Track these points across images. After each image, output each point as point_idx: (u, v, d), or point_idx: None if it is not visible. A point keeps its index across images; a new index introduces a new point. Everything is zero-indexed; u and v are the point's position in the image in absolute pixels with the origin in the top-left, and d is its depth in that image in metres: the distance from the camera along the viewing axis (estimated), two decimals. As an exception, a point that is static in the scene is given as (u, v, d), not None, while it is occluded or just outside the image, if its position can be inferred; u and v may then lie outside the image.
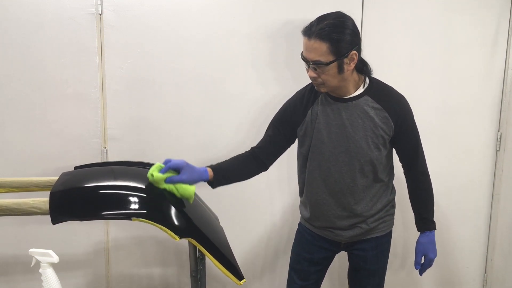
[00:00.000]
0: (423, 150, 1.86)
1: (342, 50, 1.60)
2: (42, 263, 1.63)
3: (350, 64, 1.64)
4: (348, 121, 1.73)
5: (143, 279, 2.47)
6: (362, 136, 1.72)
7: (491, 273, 2.65)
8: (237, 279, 1.65)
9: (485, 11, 2.41)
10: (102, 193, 1.58)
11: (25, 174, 2.20)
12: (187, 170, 1.63)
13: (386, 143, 1.76)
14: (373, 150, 1.74)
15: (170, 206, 1.58)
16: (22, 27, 2.15)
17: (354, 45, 1.63)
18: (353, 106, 1.73)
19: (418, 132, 1.83)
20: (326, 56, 1.60)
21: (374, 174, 1.78)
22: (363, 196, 1.80)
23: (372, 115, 1.72)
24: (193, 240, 1.57)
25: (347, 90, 1.73)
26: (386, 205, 1.88)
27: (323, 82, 1.66)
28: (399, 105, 1.75)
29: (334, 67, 1.62)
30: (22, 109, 2.22)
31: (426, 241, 1.87)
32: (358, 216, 1.82)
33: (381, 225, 1.88)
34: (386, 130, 1.73)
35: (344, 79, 1.68)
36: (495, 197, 2.58)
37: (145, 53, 2.26)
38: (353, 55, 1.63)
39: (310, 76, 1.68)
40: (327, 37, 1.58)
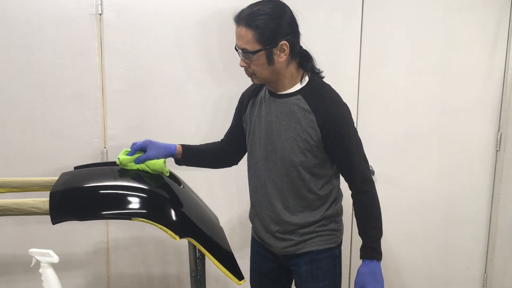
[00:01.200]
0: (364, 169, 1.61)
1: (269, 39, 1.48)
2: (42, 263, 1.63)
3: (281, 56, 1.51)
4: (276, 119, 1.60)
5: (143, 279, 2.47)
6: (287, 137, 1.58)
7: (491, 273, 2.65)
8: (237, 279, 1.65)
9: (485, 11, 2.41)
10: (102, 193, 1.58)
11: (25, 174, 2.20)
12: (152, 148, 1.68)
13: (314, 150, 1.58)
14: (298, 155, 1.58)
15: (170, 206, 1.58)
16: (22, 27, 2.15)
17: (285, 35, 1.50)
18: (283, 103, 1.59)
19: (354, 144, 1.59)
20: (252, 44, 1.49)
21: (302, 182, 1.62)
22: (292, 204, 1.65)
23: (299, 116, 1.57)
24: (193, 240, 1.57)
25: (282, 85, 1.60)
26: (321, 220, 1.68)
27: (253, 72, 1.56)
28: (328, 109, 1.56)
29: (262, 56, 1.50)
30: (22, 109, 2.22)
31: (365, 271, 1.59)
32: (287, 224, 1.67)
33: (316, 239, 1.68)
34: (312, 134, 1.56)
35: (277, 72, 1.55)
36: (495, 197, 2.58)
37: (145, 53, 2.26)
38: (283, 46, 1.50)
39: (241, 65, 1.58)
40: (253, 24, 1.48)
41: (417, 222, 2.59)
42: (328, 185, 1.67)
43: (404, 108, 2.47)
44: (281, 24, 1.49)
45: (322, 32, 2.36)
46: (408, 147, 2.51)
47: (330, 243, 1.71)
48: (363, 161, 1.61)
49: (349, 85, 2.43)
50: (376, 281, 1.59)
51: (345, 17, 2.37)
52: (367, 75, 2.43)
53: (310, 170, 1.61)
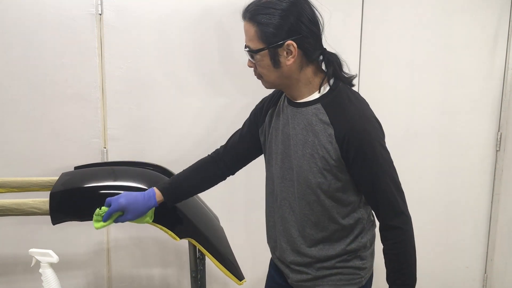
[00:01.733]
0: (394, 194, 1.32)
1: (272, 37, 1.26)
2: (42, 263, 1.62)
3: (288, 58, 1.28)
4: (293, 132, 1.36)
5: (143, 279, 2.47)
6: (304, 153, 1.33)
7: (491, 273, 2.65)
8: (237, 279, 1.65)
9: (485, 12, 2.41)
10: (102, 193, 1.58)
11: (25, 174, 2.20)
12: (130, 209, 1.44)
13: (334, 170, 1.31)
14: (316, 175, 1.32)
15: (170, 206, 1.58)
16: (22, 27, 2.15)
17: (293, 34, 1.26)
18: (301, 113, 1.35)
19: (382, 167, 1.31)
20: (255, 42, 1.29)
21: (322, 209, 1.36)
22: (310, 233, 1.40)
23: (317, 129, 1.31)
24: (193, 240, 1.57)
25: (299, 92, 1.35)
26: (344, 254, 1.41)
27: (261, 75, 1.36)
28: (350, 123, 1.28)
29: (265, 57, 1.29)
30: (22, 109, 2.22)
31: None
32: (303, 255, 1.43)
33: (335, 277, 1.43)
34: (331, 152, 1.29)
35: (287, 77, 1.32)
36: (495, 197, 2.58)
37: (145, 53, 2.26)
38: (290, 47, 1.27)
39: (248, 65, 1.38)
40: (256, 18, 1.27)
41: (417, 222, 2.56)
42: (355, 213, 1.40)
43: (404, 108, 2.47)
44: (288, 21, 1.26)
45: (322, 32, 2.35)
46: (408, 147, 2.51)
47: (351, 284, 1.43)
48: (394, 188, 1.31)
49: (349, 85, 2.43)
50: None
51: (345, 17, 2.37)
52: (367, 75, 2.43)
53: (331, 195, 1.35)
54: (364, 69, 2.42)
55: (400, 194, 1.34)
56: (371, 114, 1.36)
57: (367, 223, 1.45)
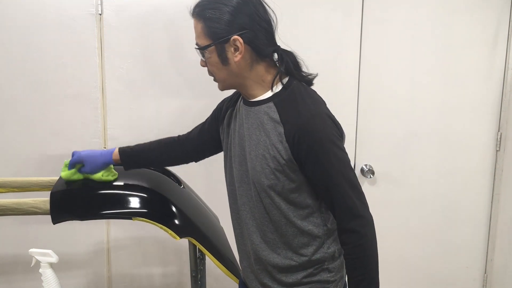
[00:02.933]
0: (351, 195, 1.23)
1: (218, 32, 1.23)
2: (42, 263, 1.63)
3: (236, 54, 1.24)
4: (247, 132, 1.31)
5: (143, 279, 2.47)
6: (257, 154, 1.28)
7: (491, 273, 2.65)
8: (237, 279, 1.65)
9: (485, 11, 2.41)
10: (103, 192, 1.58)
11: (25, 174, 2.20)
12: (89, 162, 1.56)
13: (287, 171, 1.25)
14: (268, 176, 1.26)
15: (170, 206, 1.58)
16: (22, 27, 2.15)
17: (239, 29, 1.22)
18: (253, 113, 1.30)
19: (336, 167, 1.22)
20: (202, 39, 1.27)
21: (278, 211, 1.30)
22: (272, 238, 1.33)
23: (268, 128, 1.26)
24: (193, 239, 1.57)
25: (252, 91, 1.31)
26: (309, 267, 1.34)
27: (213, 74, 1.33)
28: (300, 121, 1.22)
29: (213, 54, 1.26)
30: (22, 109, 2.22)
31: None
32: (266, 263, 1.35)
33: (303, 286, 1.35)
34: (282, 151, 1.24)
35: (236, 75, 1.28)
36: (495, 197, 2.58)
37: (145, 53, 2.26)
38: (236, 42, 1.22)
39: (201, 65, 1.35)
40: (202, 14, 1.25)
41: (417, 222, 2.59)
42: (313, 218, 1.32)
43: (404, 108, 2.47)
44: (234, 15, 1.22)
45: (322, 32, 2.36)
46: (408, 147, 2.51)
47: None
48: (350, 189, 1.22)
49: (349, 85, 2.43)
50: None
51: (345, 17, 2.37)
52: (367, 75, 2.43)
53: (285, 197, 1.28)
54: (364, 69, 2.42)
55: (358, 196, 1.24)
56: (325, 112, 1.27)
57: (334, 230, 1.35)
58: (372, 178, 2.49)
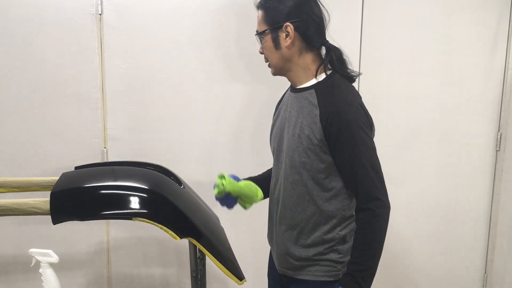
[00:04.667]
0: (371, 178, 1.36)
1: (274, 19, 1.43)
2: (42, 263, 1.63)
3: (287, 40, 1.42)
4: (289, 115, 1.49)
5: (143, 279, 2.47)
6: (294, 134, 1.44)
7: (491, 273, 2.65)
8: (237, 279, 1.65)
9: (485, 11, 2.41)
10: (103, 193, 1.58)
11: (25, 174, 2.20)
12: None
13: (317, 151, 1.39)
14: (301, 154, 1.41)
15: (171, 206, 1.58)
16: (22, 27, 2.15)
17: (292, 18, 1.41)
18: (297, 98, 1.47)
19: (361, 150, 1.36)
20: (261, 25, 1.46)
21: (305, 188, 1.44)
22: (290, 215, 1.48)
23: (306, 111, 1.42)
24: (193, 240, 1.57)
25: (297, 78, 1.49)
26: (320, 244, 1.47)
27: (266, 58, 1.51)
28: (335, 106, 1.38)
29: (269, 39, 1.45)
30: (22, 109, 2.22)
31: None
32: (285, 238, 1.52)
33: (313, 267, 1.49)
34: (315, 131, 1.39)
35: (286, 59, 1.46)
36: (495, 197, 2.58)
37: (145, 53, 2.26)
38: (288, 28, 1.41)
39: (259, 52, 1.53)
40: (264, 5, 1.46)
41: (417, 222, 2.59)
42: (336, 201, 1.45)
43: (404, 108, 2.47)
44: (287, 5, 1.42)
45: (322, 32, 2.36)
46: (408, 147, 2.51)
47: (328, 276, 1.48)
48: (373, 173, 1.36)
49: (349, 85, 2.43)
50: None
51: (345, 17, 2.37)
52: (367, 75, 2.42)
53: (314, 175, 1.42)
54: (364, 69, 2.42)
55: (379, 181, 1.37)
56: (359, 102, 1.43)
57: (349, 217, 1.48)
58: (372, 178, 2.49)
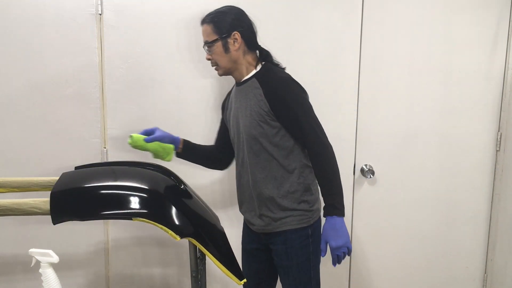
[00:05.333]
0: (316, 132, 1.78)
1: (223, 29, 1.81)
2: (42, 263, 1.63)
3: (235, 45, 1.82)
4: (239, 104, 1.88)
5: (143, 279, 2.47)
6: (245, 114, 1.84)
7: (491, 273, 2.66)
8: (237, 279, 1.65)
9: (485, 11, 2.41)
10: (103, 193, 1.58)
11: (25, 174, 2.20)
12: (160, 131, 1.94)
13: (268, 120, 1.80)
14: (256, 127, 1.82)
15: (170, 206, 1.58)
16: (22, 27, 2.15)
17: (236, 27, 1.82)
18: (243, 89, 1.87)
19: (304, 113, 1.79)
20: (211, 36, 1.83)
21: (266, 152, 1.83)
22: (260, 178, 1.86)
23: (251, 95, 1.83)
24: (193, 240, 1.57)
25: (241, 74, 1.89)
26: (292, 193, 1.85)
27: (216, 62, 1.87)
28: (274, 82, 1.81)
29: (219, 45, 1.82)
30: (22, 109, 2.22)
31: (327, 227, 1.77)
32: (260, 197, 1.88)
33: (289, 218, 1.86)
34: (262, 106, 1.80)
35: (234, 61, 1.85)
36: (495, 197, 2.58)
37: (145, 53, 2.26)
38: (235, 35, 1.82)
39: (206, 58, 1.89)
40: (211, 20, 1.84)
41: (417, 222, 2.59)
42: (292, 155, 1.85)
43: (404, 108, 2.47)
44: (233, 19, 1.82)
45: (322, 32, 2.36)
46: (408, 147, 2.51)
47: (302, 223, 1.87)
48: (315, 125, 1.79)
49: (349, 85, 2.43)
50: (338, 236, 1.75)
51: (345, 17, 2.37)
52: (367, 75, 2.43)
53: (270, 140, 1.82)
54: (364, 69, 2.42)
55: (320, 129, 1.80)
56: (293, 79, 1.84)
57: (305, 169, 1.88)
58: (372, 178, 2.49)
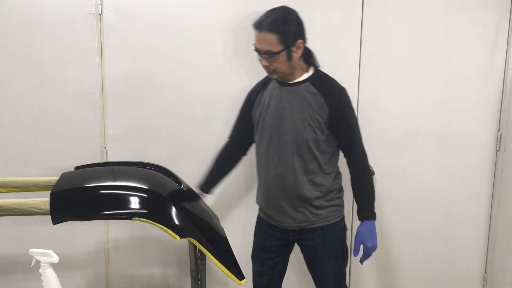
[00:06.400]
0: (361, 142, 1.97)
1: (290, 39, 1.80)
2: (42, 263, 1.63)
3: (298, 52, 1.84)
4: (288, 104, 1.89)
5: (143, 279, 2.47)
6: (299, 118, 1.87)
7: (491, 273, 2.65)
8: (237, 279, 1.65)
9: (485, 11, 2.41)
10: (103, 193, 1.58)
11: (25, 174, 2.20)
12: None
13: (322, 127, 1.88)
14: (309, 132, 1.87)
15: (170, 206, 1.58)
16: (22, 27, 2.15)
17: (300, 35, 1.83)
18: (294, 90, 1.90)
19: (355, 124, 1.95)
20: (276, 46, 1.79)
21: (312, 156, 1.90)
22: (302, 179, 1.92)
23: (310, 99, 1.87)
24: (193, 240, 1.57)
25: (293, 76, 1.91)
26: (328, 193, 1.96)
27: (275, 69, 1.85)
28: (335, 93, 1.90)
29: (283, 55, 1.81)
30: (22, 109, 2.22)
31: (365, 230, 1.95)
32: (298, 198, 1.93)
33: (326, 214, 1.97)
34: (321, 114, 1.87)
35: (292, 66, 1.87)
36: (495, 197, 2.58)
37: (145, 53, 2.26)
38: (299, 44, 1.83)
39: (263, 65, 1.86)
40: (276, 29, 1.78)
41: (417, 222, 2.59)
42: (331, 160, 1.97)
43: (404, 108, 2.47)
44: (297, 26, 1.83)
45: (322, 32, 2.36)
46: (408, 147, 2.51)
47: (337, 217, 2.00)
48: (360, 136, 1.97)
49: (349, 85, 2.42)
50: (374, 237, 1.96)
51: (345, 17, 2.37)
52: (367, 75, 2.43)
53: (318, 146, 1.90)
54: (364, 69, 2.42)
55: (362, 140, 1.98)
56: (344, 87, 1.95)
57: (339, 171, 2.04)
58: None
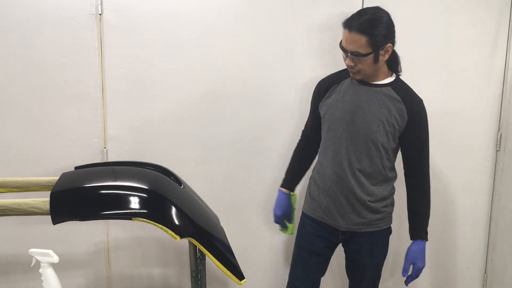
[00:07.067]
0: (428, 162, 1.92)
1: (379, 43, 1.75)
2: (42, 263, 1.63)
3: (385, 55, 1.80)
4: (366, 104, 1.85)
5: (143, 279, 2.47)
6: (375, 119, 1.83)
7: (491, 273, 2.65)
8: (237, 279, 1.65)
9: (485, 11, 2.41)
10: (103, 193, 1.58)
11: (25, 174, 2.20)
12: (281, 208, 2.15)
13: (396, 135, 1.85)
14: (383, 135, 1.84)
15: (170, 206, 1.58)
16: (22, 27, 2.15)
17: (389, 39, 1.79)
18: (374, 91, 1.86)
19: (427, 141, 1.91)
20: (364, 48, 1.75)
21: (380, 161, 1.87)
22: (364, 181, 1.88)
23: (389, 104, 1.84)
24: (193, 240, 1.57)
25: (376, 78, 1.87)
26: (384, 199, 1.94)
27: (359, 70, 1.81)
28: (417, 104, 1.88)
29: (370, 57, 1.77)
30: (22, 109, 2.22)
31: (417, 250, 1.94)
32: (357, 200, 1.90)
33: (380, 220, 1.95)
34: (399, 121, 1.84)
35: (377, 69, 1.83)
36: (495, 197, 2.58)
37: (145, 53, 2.26)
38: (388, 47, 1.79)
39: (348, 64, 1.83)
40: (366, 31, 1.73)
41: (417, 222, 2.59)
42: (393, 170, 1.96)
43: (404, 108, 2.47)
44: (388, 29, 1.78)
45: (322, 32, 2.35)
46: (408, 147, 2.50)
47: (387, 224, 2.00)
48: (428, 154, 1.93)
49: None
50: (424, 258, 1.96)
51: (345, 16, 2.36)
52: (367, 75, 2.42)
53: (387, 152, 1.87)
54: (364, 69, 2.42)
55: (429, 159, 1.94)
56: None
57: (394, 181, 1.99)
58: (372, 178, 2.49)
